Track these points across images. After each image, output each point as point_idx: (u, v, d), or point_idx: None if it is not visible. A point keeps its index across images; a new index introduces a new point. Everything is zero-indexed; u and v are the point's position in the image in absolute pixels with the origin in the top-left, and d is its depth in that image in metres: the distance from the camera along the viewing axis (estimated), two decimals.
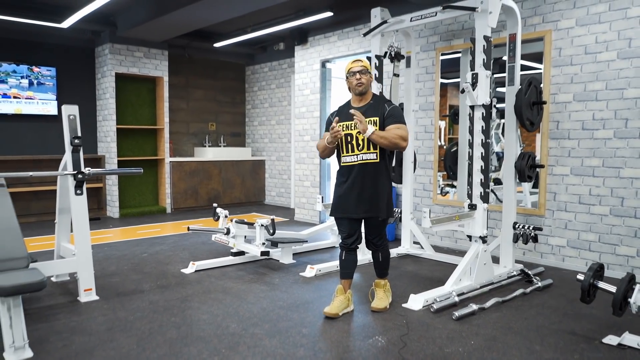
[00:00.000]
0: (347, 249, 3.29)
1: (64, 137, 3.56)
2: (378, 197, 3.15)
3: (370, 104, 3.21)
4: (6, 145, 6.76)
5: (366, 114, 3.12)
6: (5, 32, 6.57)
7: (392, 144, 3.06)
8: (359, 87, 3.17)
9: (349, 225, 3.25)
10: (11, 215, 3.09)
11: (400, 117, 3.17)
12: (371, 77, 3.23)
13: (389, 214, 3.25)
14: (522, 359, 2.60)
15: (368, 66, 3.20)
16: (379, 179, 3.15)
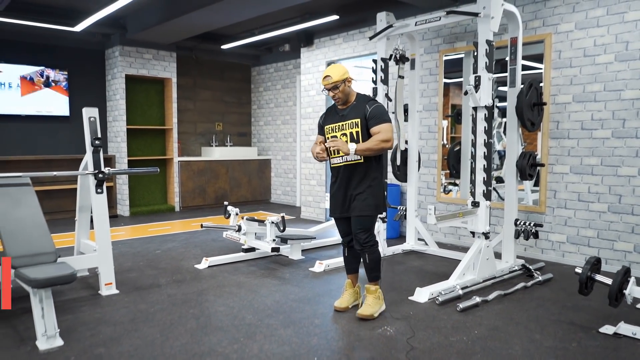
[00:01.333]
0: (346, 247, 3.38)
1: (85, 138, 3.73)
2: (363, 194, 3.15)
3: (353, 105, 3.19)
4: (20, 146, 6.94)
5: (348, 117, 3.17)
6: (21, 36, 6.75)
7: (377, 151, 3.08)
8: (338, 101, 3.19)
9: (342, 225, 3.34)
10: (38, 212, 3.26)
11: (383, 115, 3.12)
12: (347, 83, 3.15)
13: (376, 211, 3.20)
14: (523, 347, 2.76)
15: (339, 77, 3.11)
16: (364, 178, 3.16)
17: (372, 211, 3.18)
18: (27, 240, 3.04)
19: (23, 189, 3.35)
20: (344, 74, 3.13)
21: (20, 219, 3.16)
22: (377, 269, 3.25)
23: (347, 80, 3.16)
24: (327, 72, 3.14)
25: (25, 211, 3.23)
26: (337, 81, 3.11)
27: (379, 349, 2.72)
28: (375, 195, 3.18)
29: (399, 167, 5.13)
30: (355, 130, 3.15)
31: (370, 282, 3.27)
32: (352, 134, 3.16)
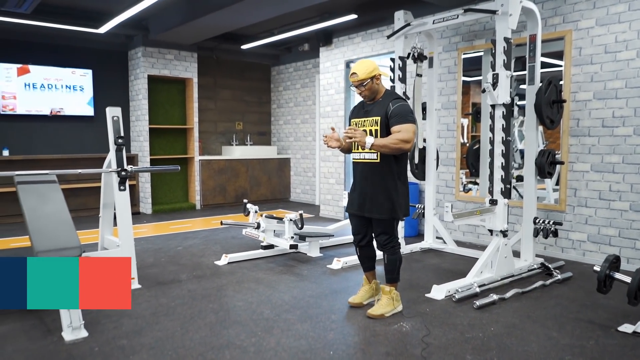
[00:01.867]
0: (357, 246, 3.36)
1: (109, 137, 3.83)
2: (378, 196, 3.09)
3: (378, 102, 3.15)
4: (46, 145, 7.14)
5: (370, 114, 3.14)
6: (48, 38, 6.94)
7: (393, 150, 2.98)
8: (365, 98, 3.17)
9: (354, 222, 3.32)
10: (64, 209, 3.37)
11: (405, 115, 3.03)
12: (375, 80, 3.10)
13: (393, 214, 3.11)
14: (539, 344, 2.76)
15: (366, 75, 3.06)
16: (381, 179, 3.10)
17: (388, 214, 3.10)
18: (53, 235, 3.15)
19: (50, 186, 3.47)
20: (371, 72, 3.07)
21: (47, 215, 3.27)
22: (395, 271, 3.22)
23: (375, 77, 3.09)
24: (354, 68, 3.09)
25: (52, 207, 3.34)
26: (363, 79, 3.06)
27: (394, 344, 2.75)
28: (391, 198, 3.09)
29: (417, 166, 5.14)
30: (374, 128, 3.10)
31: (387, 283, 3.27)
32: (370, 132, 3.11)
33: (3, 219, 6.64)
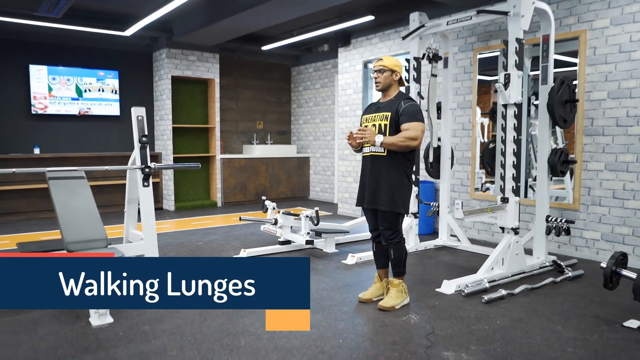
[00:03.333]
0: (374, 242, 3.46)
1: (133, 135, 4.03)
2: (382, 189, 3.20)
3: (390, 100, 3.27)
4: (74, 144, 7.43)
5: (381, 110, 3.26)
6: (76, 40, 7.23)
7: (401, 147, 3.12)
8: (377, 85, 3.30)
9: (369, 217, 3.41)
10: (92, 203, 3.58)
11: (414, 114, 3.15)
12: (394, 75, 3.26)
13: (394, 207, 3.20)
14: (543, 337, 2.84)
15: (389, 65, 3.24)
16: (385, 172, 3.20)
17: (391, 207, 3.19)
18: (81, 227, 3.36)
19: (78, 182, 3.68)
20: (395, 65, 3.25)
21: (76, 209, 3.48)
22: (401, 264, 3.33)
23: (395, 73, 3.25)
24: (383, 57, 3.32)
25: (81, 201, 3.55)
26: (385, 66, 3.23)
27: (402, 335, 2.86)
28: (394, 191, 3.19)
29: (432, 164, 5.22)
30: (384, 122, 3.21)
31: (395, 277, 3.37)
32: (379, 126, 3.21)
33: (34, 214, 6.94)
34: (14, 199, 6.80)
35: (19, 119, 7.03)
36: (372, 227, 3.42)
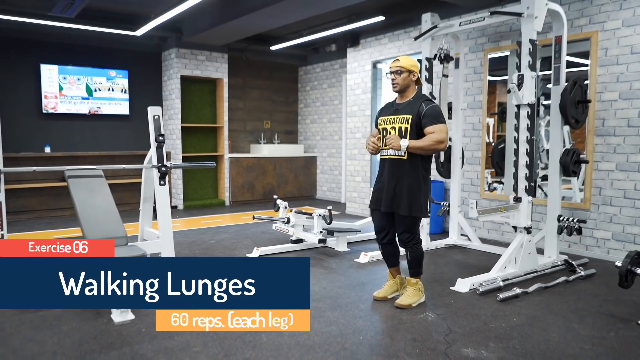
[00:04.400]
0: (380, 243, 3.45)
1: (150, 134, 4.06)
2: (402, 193, 3.19)
3: (409, 101, 3.25)
4: (84, 143, 7.48)
5: (401, 112, 3.23)
6: (87, 40, 7.28)
7: (429, 151, 3.14)
8: (394, 87, 3.28)
9: (377, 219, 3.38)
10: (111, 201, 3.63)
11: (437, 116, 3.16)
12: (412, 76, 3.25)
13: (414, 211, 3.19)
14: (560, 334, 2.88)
15: (407, 65, 3.23)
16: (405, 176, 3.19)
17: (410, 210, 3.19)
18: (102, 225, 3.40)
19: (97, 180, 3.73)
20: (412, 66, 3.23)
21: (95, 206, 3.52)
22: (418, 265, 3.36)
23: (413, 73, 3.24)
24: (399, 57, 3.29)
25: (100, 199, 3.60)
26: (402, 66, 3.21)
27: (420, 332, 2.90)
28: (413, 195, 3.19)
29: (443, 164, 5.26)
30: (405, 125, 3.19)
31: (411, 277, 3.40)
32: (400, 129, 3.20)
33: (45, 212, 6.99)
34: (26, 197, 6.85)
35: (30, 118, 7.08)
36: (380, 227, 3.40)
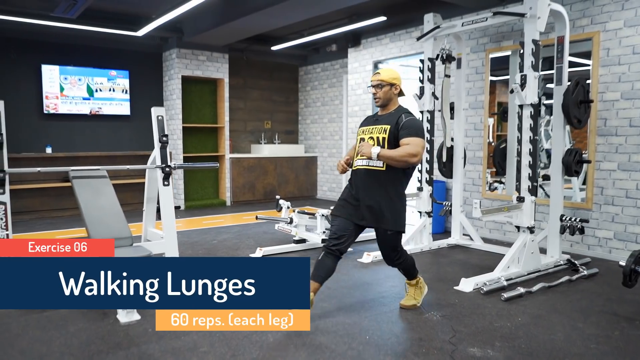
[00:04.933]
0: (327, 250, 3.08)
1: (154, 134, 4.07)
2: (381, 207, 3.00)
3: (390, 113, 3.10)
4: (85, 143, 7.47)
5: (380, 122, 3.09)
6: (88, 41, 7.28)
7: (400, 162, 2.91)
8: (376, 101, 3.13)
9: (340, 225, 3.08)
10: (115, 201, 3.63)
11: (415, 129, 2.97)
12: (394, 89, 3.10)
13: (399, 226, 3.05)
14: (565, 333, 2.89)
15: (388, 78, 3.07)
16: (384, 188, 3.01)
17: (396, 226, 3.04)
18: (107, 225, 3.40)
19: (102, 181, 3.73)
20: (394, 78, 3.09)
21: (100, 207, 3.52)
22: (412, 270, 3.27)
23: (395, 86, 3.09)
24: (380, 69, 3.17)
25: (105, 200, 3.60)
26: (383, 80, 3.07)
27: (426, 331, 2.92)
28: (397, 210, 3.04)
29: (445, 164, 5.27)
30: (382, 135, 3.02)
31: (409, 280, 3.33)
32: (378, 139, 3.03)
33: (47, 212, 6.98)
34: (27, 198, 6.84)
35: (31, 119, 7.08)
36: (339, 234, 3.06)
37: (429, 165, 5.04)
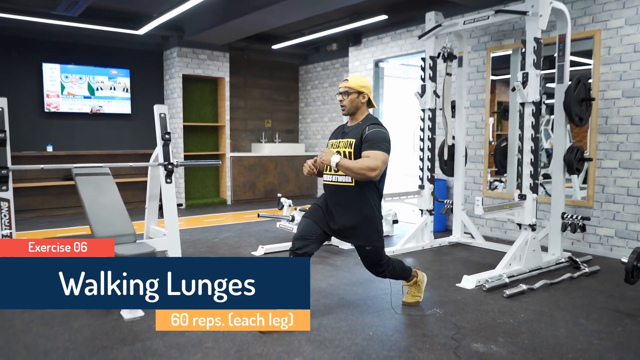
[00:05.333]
0: (294, 252, 2.90)
1: (156, 132, 4.08)
2: (355, 224, 2.88)
3: (357, 124, 2.94)
4: (86, 142, 7.47)
5: (347, 136, 2.93)
6: (89, 39, 7.27)
7: (357, 175, 2.75)
8: (342, 108, 2.97)
9: (306, 227, 2.95)
10: (118, 198, 3.63)
11: (379, 142, 2.78)
12: (361, 97, 2.93)
13: (378, 242, 2.95)
14: (568, 329, 2.91)
15: (355, 86, 2.91)
16: (356, 206, 2.88)
17: (375, 243, 2.94)
18: (110, 222, 3.41)
19: (105, 178, 3.73)
20: (362, 86, 2.92)
21: (103, 204, 3.52)
22: (403, 274, 3.21)
23: (363, 95, 2.92)
24: (349, 77, 3.01)
25: (108, 197, 3.60)
26: (351, 87, 2.91)
27: (429, 327, 2.93)
28: (373, 226, 2.92)
29: (446, 162, 5.28)
30: (348, 150, 2.87)
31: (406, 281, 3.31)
32: (344, 153, 2.87)
33: (48, 211, 6.99)
34: (28, 197, 6.84)
35: (32, 117, 7.07)
36: (303, 236, 2.92)
37: (430, 163, 5.05)
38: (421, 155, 5.11)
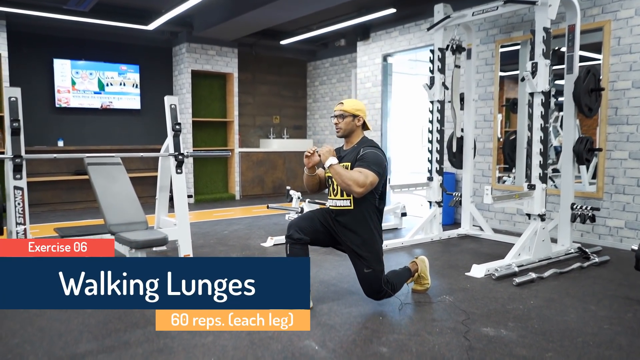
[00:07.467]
0: (290, 239, 2.93)
1: (167, 123, 4.12)
2: (357, 246, 2.94)
3: (353, 147, 2.99)
4: (96, 137, 7.54)
5: (343, 160, 2.96)
6: (99, 35, 7.34)
7: (342, 184, 2.78)
8: (337, 131, 3.01)
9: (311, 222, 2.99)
10: (130, 187, 3.68)
11: (372, 163, 2.81)
12: (356, 121, 2.97)
13: (379, 265, 2.94)
14: (578, 315, 2.91)
15: (351, 109, 2.95)
16: (355, 228, 2.93)
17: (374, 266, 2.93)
18: (122, 210, 3.45)
19: (117, 168, 3.78)
20: (357, 109, 2.97)
21: (116, 193, 3.57)
22: (402, 280, 3.18)
23: (358, 118, 2.97)
24: (344, 100, 3.03)
25: (120, 186, 3.65)
26: (346, 111, 2.95)
27: (439, 312, 2.94)
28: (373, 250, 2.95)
29: (455, 155, 5.29)
30: None
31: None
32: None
33: (59, 205, 7.06)
34: (39, 191, 6.92)
35: (44, 112, 7.15)
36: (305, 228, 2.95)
37: (439, 155, 5.05)
38: (430, 147, 5.12)
